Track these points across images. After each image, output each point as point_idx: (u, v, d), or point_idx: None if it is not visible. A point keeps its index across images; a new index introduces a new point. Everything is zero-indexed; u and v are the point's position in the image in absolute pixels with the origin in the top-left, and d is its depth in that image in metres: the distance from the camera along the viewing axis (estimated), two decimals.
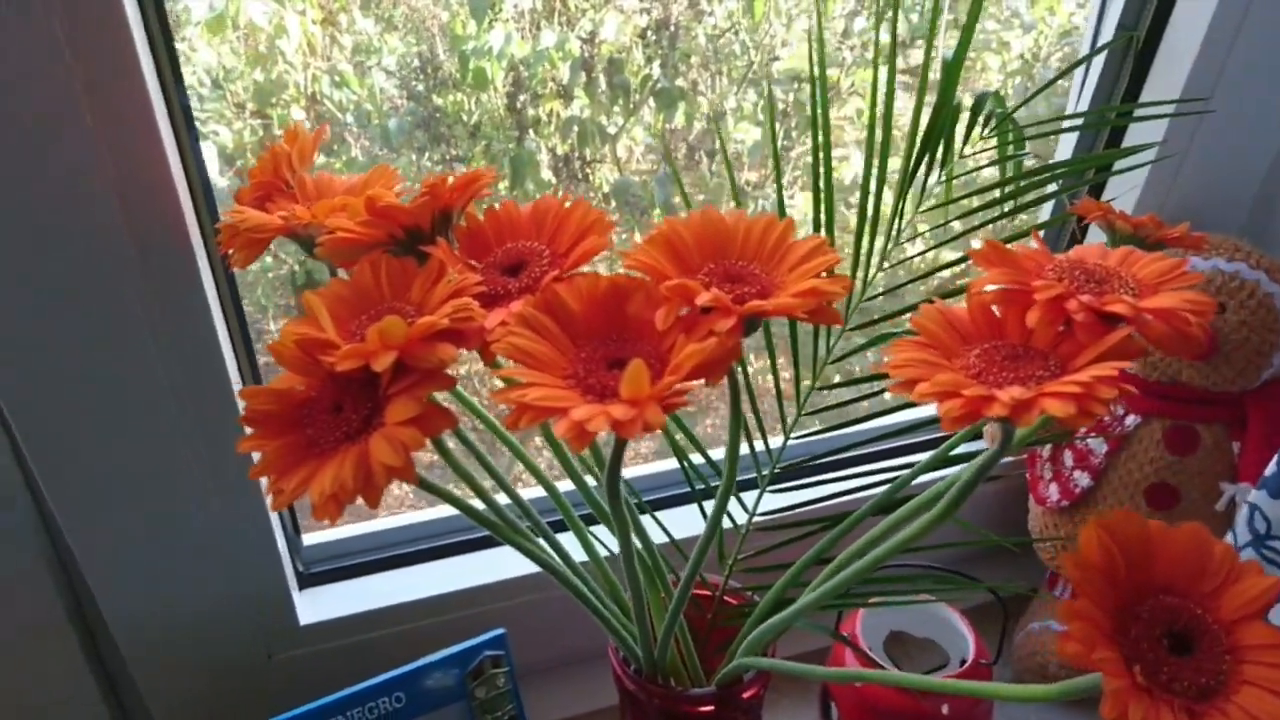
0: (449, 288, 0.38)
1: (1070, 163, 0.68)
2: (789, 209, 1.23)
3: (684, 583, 0.51)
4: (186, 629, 0.67)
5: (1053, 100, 1.23)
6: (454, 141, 1.17)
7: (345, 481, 0.34)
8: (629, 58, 1.18)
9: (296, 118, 1.08)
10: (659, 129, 1.23)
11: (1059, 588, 0.85)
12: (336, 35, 1.07)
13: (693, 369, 0.33)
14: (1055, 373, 0.34)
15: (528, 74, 1.12)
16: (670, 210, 1.27)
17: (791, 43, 1.27)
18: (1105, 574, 0.31)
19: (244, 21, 1.03)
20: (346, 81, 1.09)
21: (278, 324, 1.22)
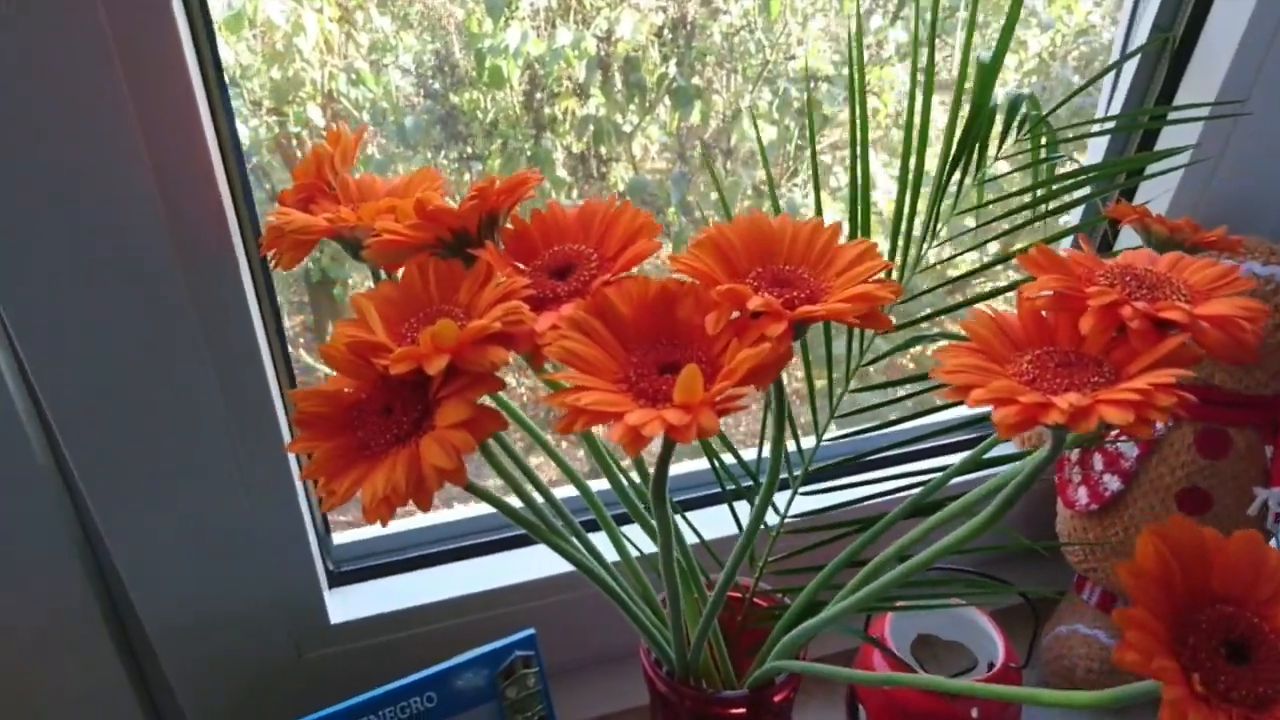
0: (498, 291, 0.38)
1: (1104, 166, 0.68)
2: (805, 205, 1.23)
3: (720, 587, 0.51)
4: (219, 626, 0.68)
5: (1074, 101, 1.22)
6: (470, 140, 1.17)
7: (398, 484, 0.35)
8: (645, 56, 1.18)
9: (312, 115, 1.09)
10: (674, 128, 1.23)
11: (1086, 591, 0.84)
12: (353, 33, 1.07)
13: (746, 374, 0.33)
14: (1110, 379, 0.33)
15: (544, 72, 1.12)
16: (686, 209, 1.27)
17: (807, 41, 1.27)
18: (1161, 582, 0.31)
19: (261, 19, 1.03)
20: (363, 79, 1.09)
21: (293, 321, 1.23)
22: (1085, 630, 0.82)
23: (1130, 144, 0.74)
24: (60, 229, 0.48)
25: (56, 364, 0.52)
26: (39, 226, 0.48)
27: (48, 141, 0.46)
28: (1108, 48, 1.20)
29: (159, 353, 0.54)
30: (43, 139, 0.46)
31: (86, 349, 0.52)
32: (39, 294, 0.50)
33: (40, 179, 0.47)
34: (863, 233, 0.58)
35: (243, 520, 0.63)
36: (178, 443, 0.58)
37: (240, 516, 0.62)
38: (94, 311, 0.51)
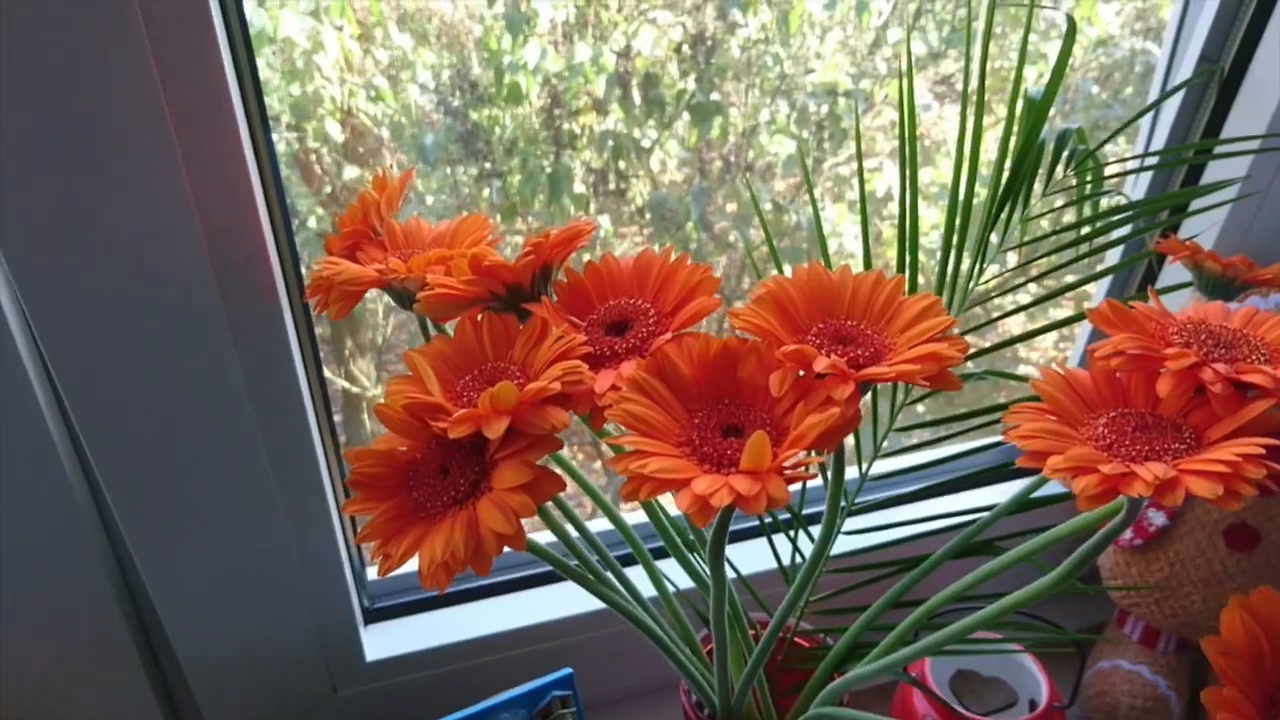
0: (555, 348, 0.37)
1: (1150, 201, 0.67)
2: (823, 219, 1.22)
3: (769, 634, 0.50)
4: (253, 662, 0.67)
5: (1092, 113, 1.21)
6: (490, 156, 1.17)
7: (456, 549, 0.34)
8: (664, 72, 1.18)
9: (331, 131, 1.08)
10: (694, 143, 1.23)
11: (1128, 626, 0.83)
12: (372, 50, 1.07)
13: (815, 439, 0.33)
14: (1191, 446, 0.33)
15: (562, 88, 1.11)
16: (704, 225, 1.26)
17: (825, 55, 1.26)
18: (1251, 660, 0.30)
19: (282, 37, 1.03)
20: (382, 96, 1.09)
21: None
22: (1128, 667, 0.80)
23: (1174, 177, 0.73)
24: (103, 264, 0.48)
25: (93, 397, 0.52)
26: (83, 263, 0.47)
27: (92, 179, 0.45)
28: (1130, 58, 1.19)
29: (197, 387, 0.53)
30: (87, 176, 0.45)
31: (123, 380, 0.52)
32: (78, 329, 0.49)
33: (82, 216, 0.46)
34: (911, 278, 0.57)
35: (280, 555, 0.62)
36: (215, 477, 0.57)
37: (277, 551, 0.62)
38: (132, 343, 0.51)
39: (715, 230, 1.28)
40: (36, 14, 0.41)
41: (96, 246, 0.47)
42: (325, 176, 1.12)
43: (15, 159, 0.43)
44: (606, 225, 1.22)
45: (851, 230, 1.26)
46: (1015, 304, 0.64)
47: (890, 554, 0.61)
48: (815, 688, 0.58)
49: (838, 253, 1.24)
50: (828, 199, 1.31)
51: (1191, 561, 0.75)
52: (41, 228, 0.46)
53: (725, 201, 1.25)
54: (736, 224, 1.29)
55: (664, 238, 1.26)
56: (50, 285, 0.47)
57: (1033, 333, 0.59)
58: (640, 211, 1.26)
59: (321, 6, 1.02)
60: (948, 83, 1.25)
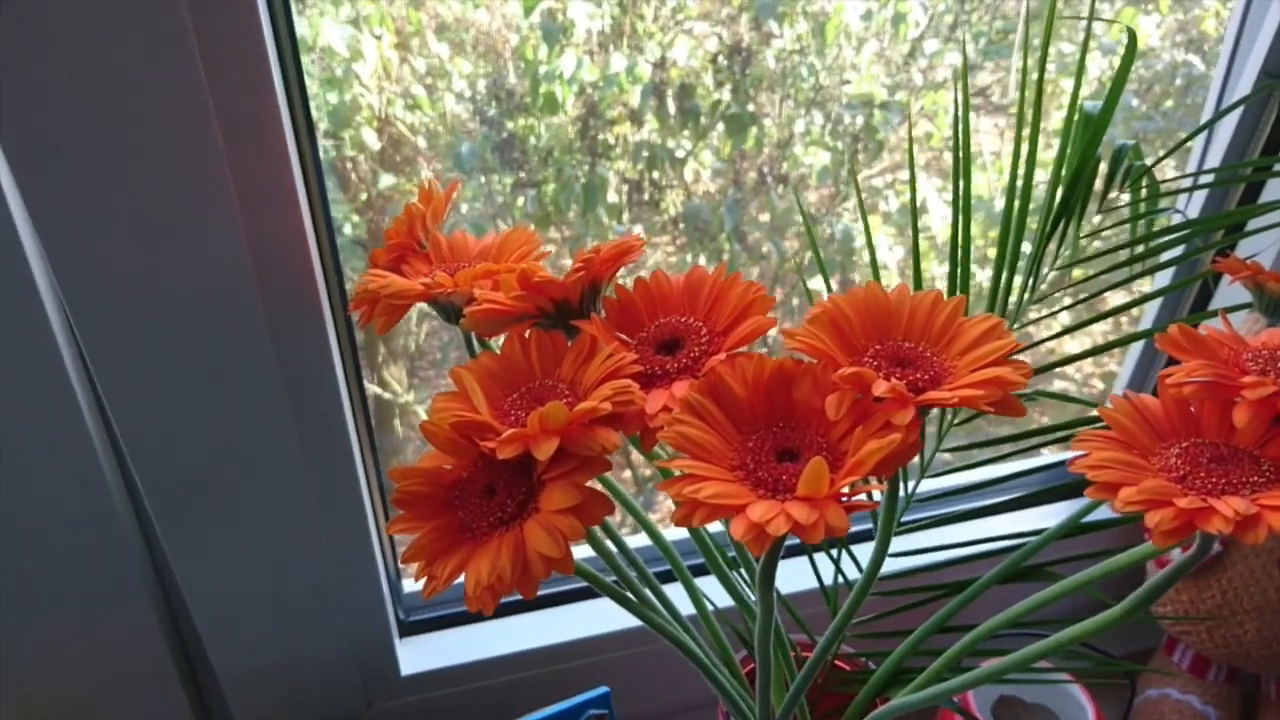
0: (605, 367, 0.36)
1: (1206, 220, 0.65)
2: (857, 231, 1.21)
3: (814, 659, 0.49)
4: (290, 675, 0.67)
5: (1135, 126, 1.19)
6: (526, 166, 1.17)
7: (503, 572, 0.33)
8: (698, 82, 1.18)
9: (367, 139, 1.09)
10: (728, 153, 1.22)
11: (1177, 654, 0.81)
12: (409, 59, 1.08)
13: (875, 466, 0.32)
14: (1270, 479, 0.31)
15: (598, 98, 1.11)
16: (738, 236, 1.25)
17: (860, 67, 1.25)
18: None
19: (322, 45, 1.04)
20: (419, 104, 1.10)
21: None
22: (1177, 696, 0.78)
23: (1230, 195, 0.71)
24: (147, 273, 0.48)
25: (136, 408, 0.51)
26: (128, 277, 0.47)
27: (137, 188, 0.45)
28: (1170, 70, 1.16)
29: (239, 398, 0.53)
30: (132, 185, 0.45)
31: (166, 391, 0.51)
32: (121, 339, 0.49)
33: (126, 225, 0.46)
34: (962, 288, 0.56)
35: (317, 568, 0.62)
36: (254, 488, 0.57)
37: (315, 564, 0.62)
38: (175, 353, 0.50)
39: (749, 241, 1.27)
40: (88, 21, 0.40)
41: (141, 256, 0.47)
42: (361, 184, 1.12)
43: (63, 168, 0.43)
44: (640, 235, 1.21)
45: (884, 242, 1.25)
46: (1059, 323, 0.63)
47: (936, 577, 0.59)
48: (856, 713, 0.57)
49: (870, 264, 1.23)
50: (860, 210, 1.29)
51: (1245, 589, 0.72)
52: (86, 237, 0.45)
53: (759, 212, 1.24)
54: (770, 235, 1.28)
55: (697, 248, 1.25)
56: (93, 295, 0.47)
57: (1089, 352, 0.57)
58: (674, 221, 1.25)
59: (361, 15, 1.03)
60: (984, 94, 1.24)
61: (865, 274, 1.23)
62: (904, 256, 1.19)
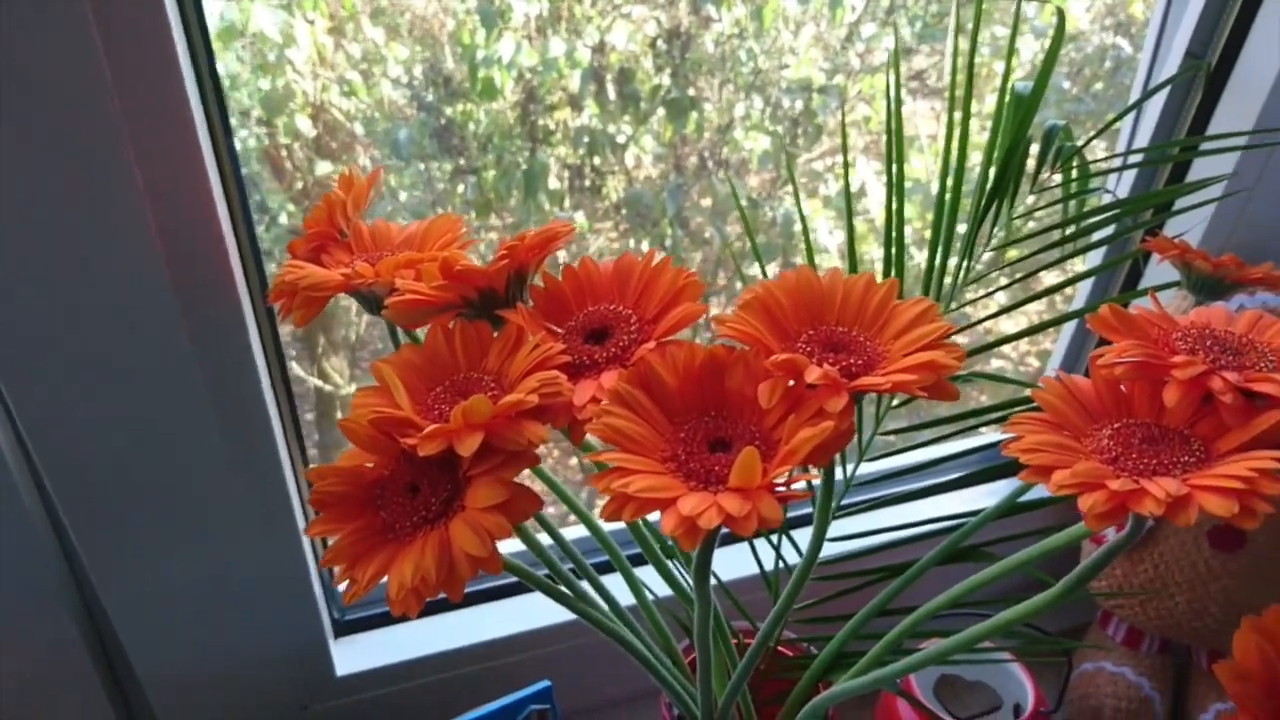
0: (532, 358, 0.35)
1: (1136, 200, 0.65)
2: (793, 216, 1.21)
3: (755, 648, 0.49)
4: (219, 679, 0.65)
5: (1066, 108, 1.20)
6: (464, 152, 1.15)
7: (427, 573, 0.32)
8: (638, 67, 1.17)
9: (302, 126, 1.07)
10: (669, 138, 1.22)
11: (1111, 627, 0.82)
12: (344, 44, 1.05)
13: (808, 455, 0.31)
14: (1201, 459, 0.31)
15: (537, 83, 1.10)
16: (680, 222, 1.24)
17: (799, 51, 1.26)
18: (1267, 687, 0.28)
19: (253, 31, 1.01)
20: (355, 90, 1.07)
21: (281, 330, 1.21)
22: (1112, 668, 0.80)
23: (1157, 175, 0.72)
24: (52, 272, 0.45)
25: (42, 405, 0.49)
26: (30, 271, 0.45)
27: (44, 188, 0.43)
28: (1100, 53, 1.18)
29: (153, 392, 0.51)
30: (40, 185, 0.43)
31: (73, 387, 0.49)
32: (24, 332, 0.47)
33: (26, 215, 0.44)
34: (897, 271, 0.55)
35: (245, 568, 0.60)
36: (174, 491, 0.55)
37: (242, 565, 0.59)
38: (83, 348, 0.48)
39: (691, 226, 1.27)
40: None
41: (44, 250, 0.44)
42: (297, 172, 1.10)
43: None
44: (581, 221, 1.21)
45: (825, 226, 1.25)
46: (995, 304, 0.63)
47: (877, 560, 0.59)
48: (799, 699, 0.56)
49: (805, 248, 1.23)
50: (802, 194, 1.30)
51: (1176, 563, 0.74)
52: None
53: (700, 197, 1.24)
54: (712, 220, 1.27)
55: (639, 234, 1.25)
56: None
57: (1023, 333, 0.57)
58: (616, 208, 1.25)
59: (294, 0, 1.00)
60: (920, 78, 1.25)
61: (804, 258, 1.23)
62: (845, 240, 1.19)
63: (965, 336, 0.69)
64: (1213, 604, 0.73)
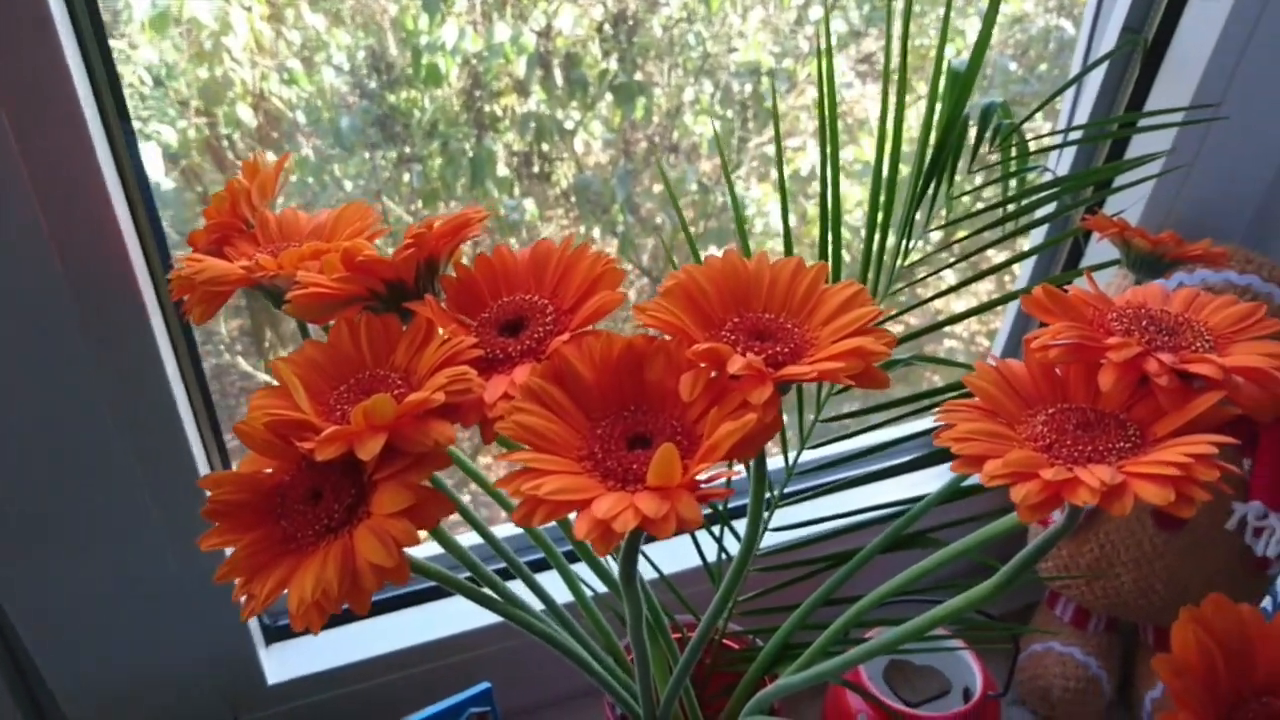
0: (441, 353, 0.33)
1: (1077, 176, 0.65)
2: (749, 199, 1.20)
3: (694, 644, 0.47)
4: (139, 693, 0.62)
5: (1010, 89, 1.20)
6: (409, 140, 1.13)
7: (329, 585, 0.30)
8: (585, 52, 1.16)
9: (244, 116, 1.04)
10: (618, 124, 1.20)
11: (1059, 607, 0.82)
12: (283, 31, 1.02)
13: (730, 449, 0.29)
14: (1136, 443, 0.30)
15: (482, 69, 1.08)
16: (631, 207, 1.23)
17: (747, 34, 1.25)
18: (1205, 680, 0.27)
19: (188, 18, 0.98)
20: (296, 79, 1.05)
21: (230, 325, 1.18)
22: (1060, 649, 0.80)
23: (1098, 153, 0.71)
24: None
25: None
26: None
27: None
28: (1044, 34, 1.18)
29: (50, 394, 0.48)
30: None
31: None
32: None
33: None
34: (833, 259, 0.54)
35: (162, 576, 0.57)
36: (80, 498, 0.52)
37: (159, 572, 0.57)
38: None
39: (643, 212, 1.25)
40: None
41: None
42: (239, 162, 1.06)
43: None
44: (531, 209, 1.19)
45: (777, 209, 1.24)
46: (943, 284, 0.62)
47: (824, 548, 0.58)
48: (744, 693, 0.55)
49: (764, 232, 1.22)
50: (754, 179, 1.29)
51: (1121, 542, 0.74)
52: None
53: (652, 183, 1.23)
54: (664, 205, 1.26)
55: (590, 221, 1.23)
56: None
57: (965, 314, 0.56)
58: (566, 195, 1.23)
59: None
60: (869, 61, 1.24)
61: (759, 242, 1.22)
62: (797, 224, 1.18)
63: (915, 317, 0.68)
64: (1158, 582, 0.73)
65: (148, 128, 0.95)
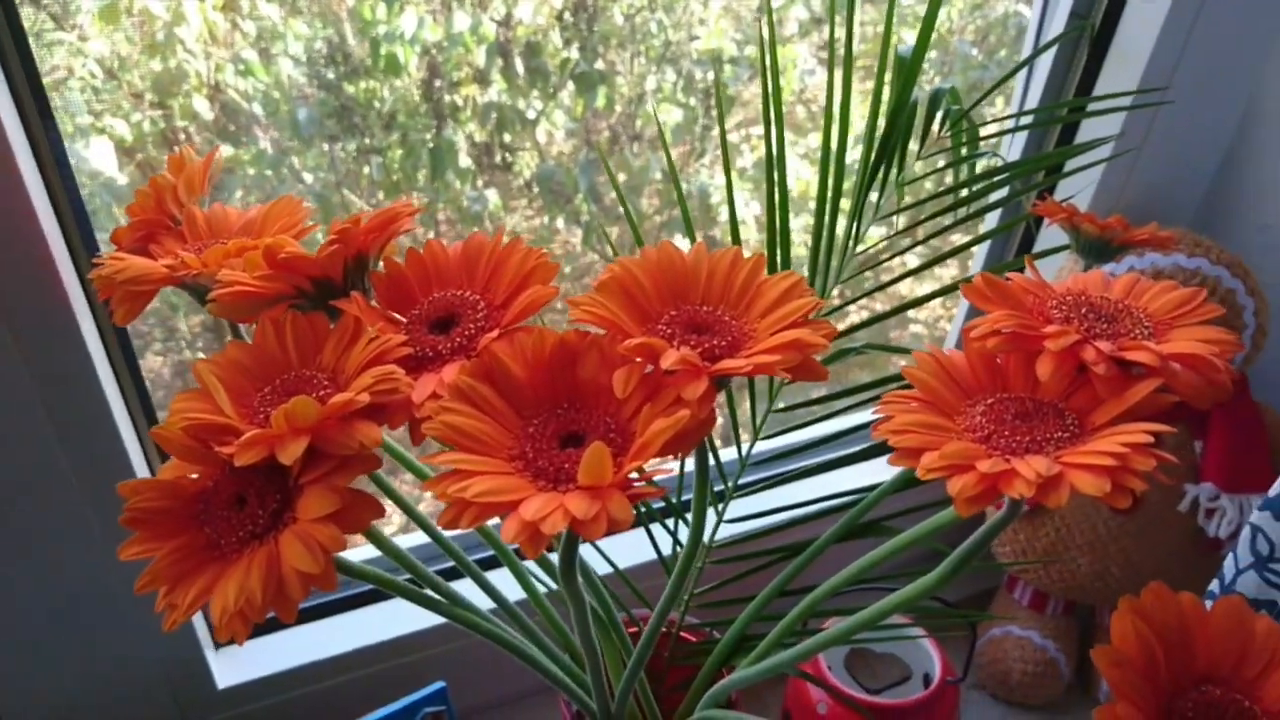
0: (368, 351, 0.32)
1: (1027, 162, 0.65)
2: (714, 186, 1.20)
3: (646, 638, 0.47)
4: (89, 702, 0.61)
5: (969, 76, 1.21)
6: (369, 131, 1.12)
7: (253, 594, 0.29)
8: (546, 40, 1.15)
9: (199, 108, 1.02)
10: (580, 113, 1.20)
11: (1018, 590, 0.83)
12: (238, 21, 1.01)
13: (663, 446, 0.28)
14: (1075, 433, 0.29)
15: (442, 59, 1.07)
16: (595, 197, 1.22)
17: (709, 21, 1.24)
18: (1144, 671, 0.27)
19: (139, 9, 0.96)
20: (252, 70, 1.03)
21: (190, 322, 1.16)
22: (1019, 632, 0.80)
23: (1048, 137, 0.71)
24: None
25: None
26: None
27: None
28: (1004, 19, 1.18)
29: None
30: None
31: None
32: None
33: None
34: (782, 249, 0.53)
35: (102, 582, 0.56)
36: (17, 503, 0.51)
37: (102, 577, 0.55)
38: None
39: (606, 202, 1.25)
40: None
41: None
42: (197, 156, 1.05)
43: None
44: (494, 200, 1.18)
45: (741, 197, 1.24)
46: (900, 270, 0.62)
47: (776, 539, 0.58)
48: (702, 686, 0.55)
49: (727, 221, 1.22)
50: (716, 167, 1.29)
51: (1077, 526, 0.74)
52: None
53: (615, 171, 1.22)
54: (627, 194, 1.25)
55: (554, 211, 1.22)
56: None
57: (918, 300, 0.56)
58: (529, 185, 1.22)
59: None
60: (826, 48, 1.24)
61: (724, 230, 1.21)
62: (760, 212, 1.17)
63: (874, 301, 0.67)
64: (1113, 564, 0.73)
65: (100, 121, 0.92)
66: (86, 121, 0.94)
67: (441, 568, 0.50)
